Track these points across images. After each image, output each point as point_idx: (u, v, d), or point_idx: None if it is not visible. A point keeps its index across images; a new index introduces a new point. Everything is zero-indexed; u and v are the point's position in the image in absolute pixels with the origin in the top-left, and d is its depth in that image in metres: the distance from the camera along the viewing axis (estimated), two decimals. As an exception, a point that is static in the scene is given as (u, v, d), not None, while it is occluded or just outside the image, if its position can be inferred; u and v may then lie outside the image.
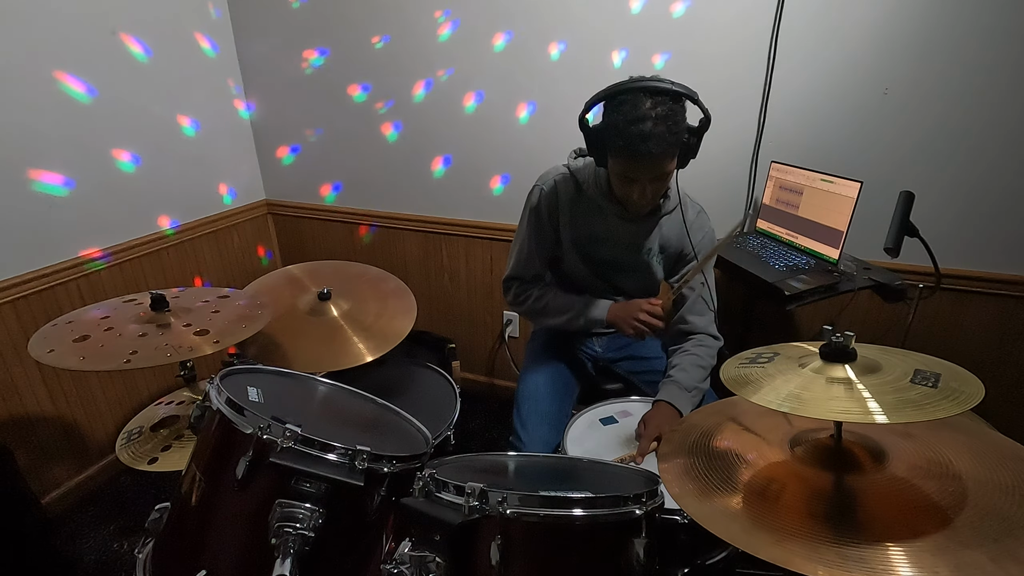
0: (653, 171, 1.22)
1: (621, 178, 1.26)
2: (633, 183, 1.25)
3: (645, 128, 1.14)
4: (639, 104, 1.15)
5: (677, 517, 0.97)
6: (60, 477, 1.95)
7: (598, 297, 1.48)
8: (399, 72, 2.14)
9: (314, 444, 0.93)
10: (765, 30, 1.68)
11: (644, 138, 1.14)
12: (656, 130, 1.14)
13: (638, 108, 1.15)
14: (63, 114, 1.81)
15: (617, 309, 1.43)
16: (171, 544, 1.00)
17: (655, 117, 1.14)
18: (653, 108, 1.14)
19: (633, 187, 1.26)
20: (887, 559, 0.65)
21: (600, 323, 1.44)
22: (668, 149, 1.18)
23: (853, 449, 0.84)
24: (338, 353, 1.45)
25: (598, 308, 1.45)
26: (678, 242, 1.45)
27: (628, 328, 1.40)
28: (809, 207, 1.66)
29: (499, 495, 0.81)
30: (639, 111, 1.14)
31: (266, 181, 2.59)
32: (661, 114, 1.15)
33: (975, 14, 1.49)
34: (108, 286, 2.00)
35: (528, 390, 1.51)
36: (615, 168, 1.26)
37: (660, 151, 1.16)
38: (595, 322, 1.45)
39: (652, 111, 1.14)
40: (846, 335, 0.82)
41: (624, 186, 1.28)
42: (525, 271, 1.50)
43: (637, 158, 1.18)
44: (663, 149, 1.16)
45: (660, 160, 1.19)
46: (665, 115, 1.15)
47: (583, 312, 1.46)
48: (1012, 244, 1.64)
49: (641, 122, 1.14)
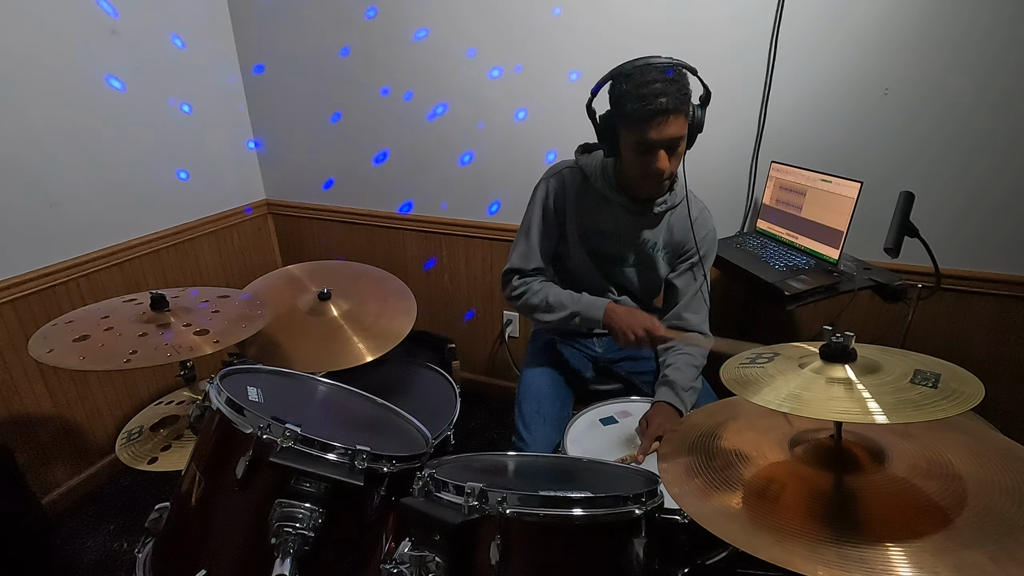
0: (668, 131, 1.22)
1: (637, 149, 1.26)
2: (649, 153, 1.25)
3: (656, 88, 1.18)
4: (646, 72, 1.20)
5: (677, 517, 0.97)
6: (60, 477, 1.95)
7: (601, 293, 1.48)
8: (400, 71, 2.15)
9: (314, 444, 0.93)
10: (765, 30, 1.68)
11: (657, 95, 1.18)
12: (668, 89, 1.18)
13: (646, 75, 1.19)
14: (63, 114, 1.81)
15: (617, 313, 1.39)
16: (171, 544, 1.00)
17: (664, 80, 1.19)
18: (660, 75, 1.19)
19: (650, 157, 1.25)
20: (887, 559, 0.65)
21: (597, 323, 1.42)
22: (680, 106, 1.20)
23: (853, 449, 0.84)
24: (338, 353, 1.45)
25: (595, 307, 1.42)
26: (682, 237, 1.45)
27: (624, 335, 1.35)
28: (810, 207, 1.66)
29: (499, 495, 0.81)
30: (648, 76, 1.19)
31: (266, 181, 2.59)
32: (669, 79, 1.19)
33: (975, 14, 1.49)
34: (108, 286, 2.00)
35: (530, 390, 1.51)
36: (629, 139, 1.25)
37: (674, 106, 1.19)
38: (591, 321, 1.42)
39: (660, 76, 1.19)
40: (846, 335, 0.82)
41: (640, 160, 1.27)
42: (527, 263, 1.48)
43: (653, 116, 1.19)
44: (676, 105, 1.19)
45: (675, 118, 1.21)
46: (674, 79, 1.20)
47: (580, 310, 1.43)
48: (1012, 244, 1.64)
49: (652, 83, 1.18)
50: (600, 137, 1.31)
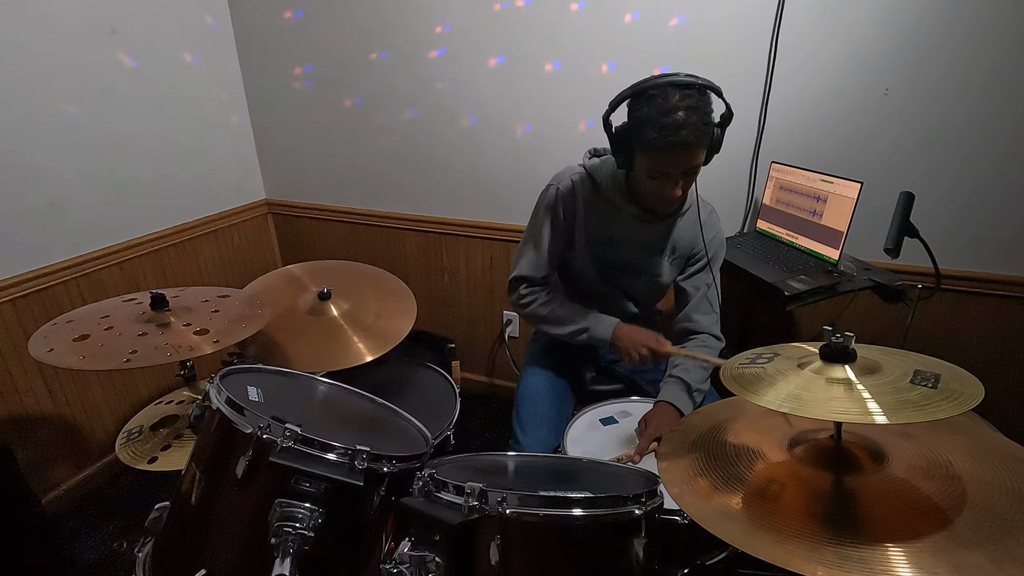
0: (686, 163, 1.20)
1: (652, 174, 1.24)
2: (664, 178, 1.23)
3: (679, 118, 1.14)
4: (669, 96, 1.15)
5: (677, 517, 0.97)
6: (60, 476, 1.95)
7: (602, 298, 1.47)
8: (400, 72, 2.15)
9: (314, 444, 0.93)
10: (765, 30, 1.68)
11: (678, 127, 1.14)
12: (689, 119, 1.14)
13: (668, 100, 1.15)
14: (63, 113, 1.81)
15: (624, 333, 1.39)
16: (171, 543, 1.00)
17: (686, 108, 1.14)
18: (683, 100, 1.15)
19: (664, 182, 1.24)
20: (887, 560, 0.65)
21: (604, 342, 1.40)
22: (701, 139, 1.17)
23: (853, 450, 0.84)
24: (338, 353, 1.45)
25: (604, 327, 1.41)
26: (691, 241, 1.44)
27: (629, 356, 1.36)
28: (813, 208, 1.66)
29: (499, 495, 0.81)
30: (670, 103, 1.14)
31: (266, 181, 2.60)
32: (691, 105, 1.15)
33: (975, 14, 1.49)
34: (108, 286, 2.00)
35: (528, 392, 1.50)
36: (645, 164, 1.23)
37: (695, 140, 1.16)
38: (599, 340, 1.41)
39: (682, 102, 1.15)
40: (846, 335, 0.82)
41: (654, 183, 1.25)
42: (535, 271, 1.46)
43: (672, 148, 1.17)
44: (697, 139, 1.16)
45: (694, 150, 1.18)
46: (695, 106, 1.15)
47: (588, 328, 1.42)
48: (1012, 244, 1.64)
49: (673, 112, 1.14)
50: (614, 150, 1.27)
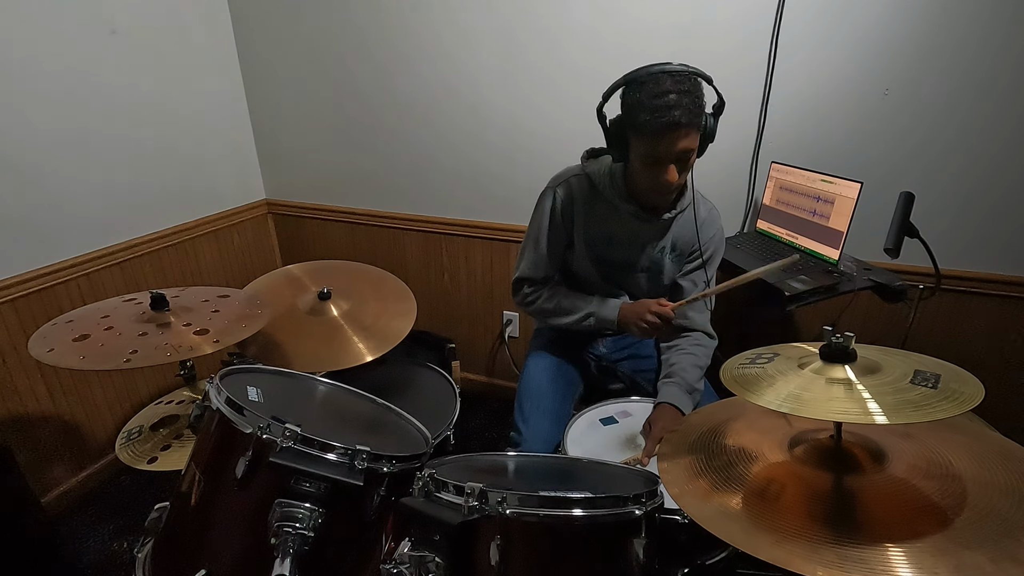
0: (680, 145, 1.20)
1: (646, 159, 1.24)
2: (659, 164, 1.24)
3: (670, 99, 1.15)
4: (660, 82, 1.17)
5: (677, 517, 0.97)
6: (60, 476, 1.95)
7: (604, 295, 1.48)
8: (400, 72, 2.14)
9: (314, 444, 0.93)
10: (765, 30, 1.68)
11: (670, 107, 1.15)
12: (681, 101, 1.16)
13: (660, 85, 1.16)
14: (63, 113, 1.81)
15: (627, 309, 1.42)
16: (170, 543, 1.00)
17: (678, 91, 1.16)
18: (675, 84, 1.17)
19: (659, 169, 1.24)
20: (887, 560, 0.65)
21: (611, 323, 1.43)
22: (693, 120, 1.18)
23: (853, 450, 0.84)
24: (338, 353, 1.45)
25: (609, 308, 1.43)
26: (690, 239, 1.44)
27: (637, 328, 1.39)
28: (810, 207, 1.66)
29: (499, 495, 0.81)
30: (661, 87, 1.16)
31: (266, 181, 2.60)
32: (683, 89, 1.17)
33: (975, 15, 1.49)
34: (108, 286, 2.00)
35: (531, 385, 1.50)
36: (640, 150, 1.24)
37: (687, 121, 1.17)
38: (606, 322, 1.43)
39: (675, 86, 1.16)
40: (846, 336, 0.82)
41: (650, 171, 1.26)
42: (536, 272, 1.48)
43: (665, 130, 1.17)
44: (689, 119, 1.17)
45: (687, 131, 1.19)
46: (687, 90, 1.17)
47: (594, 312, 1.44)
48: (1012, 244, 1.64)
49: (666, 95, 1.16)
50: (609, 142, 1.28)
